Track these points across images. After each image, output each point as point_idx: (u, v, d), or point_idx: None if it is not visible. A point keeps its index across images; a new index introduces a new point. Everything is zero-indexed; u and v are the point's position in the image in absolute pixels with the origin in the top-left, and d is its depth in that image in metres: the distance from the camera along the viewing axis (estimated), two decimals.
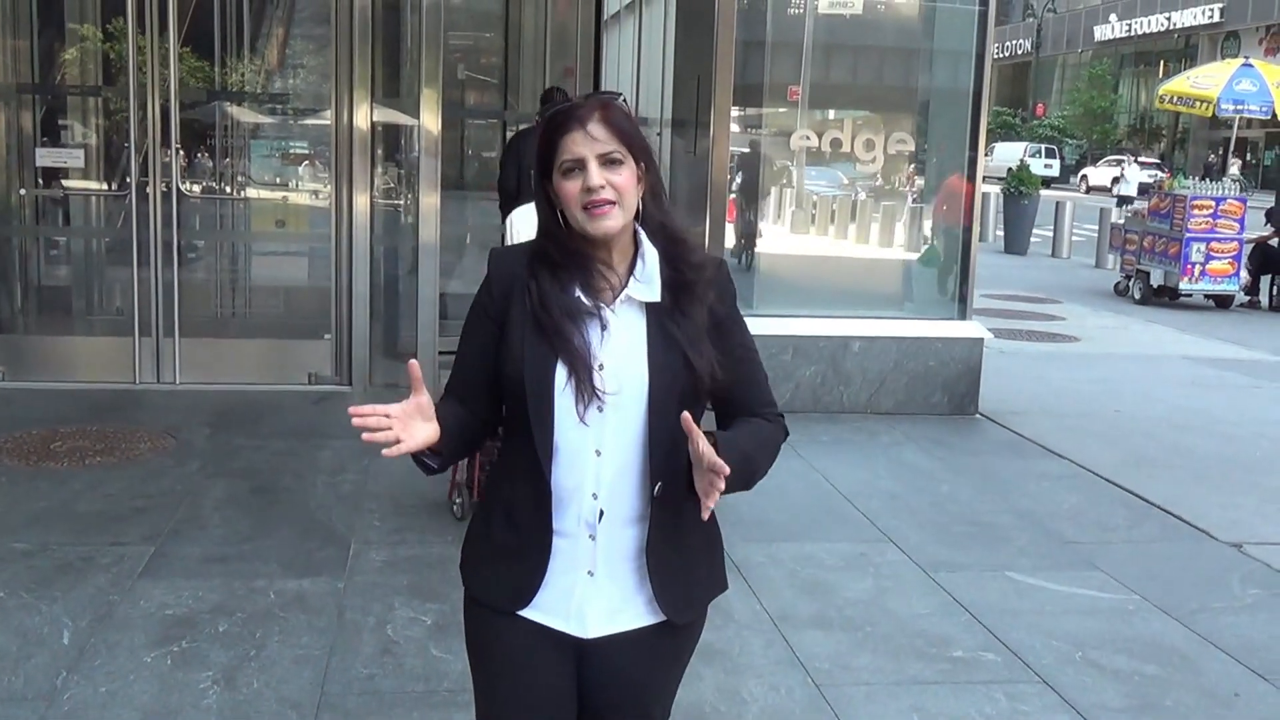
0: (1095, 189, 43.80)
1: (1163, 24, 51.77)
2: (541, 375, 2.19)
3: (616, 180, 2.17)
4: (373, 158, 8.23)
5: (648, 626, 2.30)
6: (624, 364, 2.21)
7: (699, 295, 2.26)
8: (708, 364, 2.23)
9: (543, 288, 2.23)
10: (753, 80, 8.67)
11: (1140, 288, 15.48)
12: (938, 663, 4.45)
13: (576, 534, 2.25)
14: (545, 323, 2.20)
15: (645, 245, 2.26)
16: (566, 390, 2.18)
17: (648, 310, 2.25)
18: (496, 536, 2.32)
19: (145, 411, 7.38)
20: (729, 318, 2.33)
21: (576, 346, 2.19)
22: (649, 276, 2.24)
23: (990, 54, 8.49)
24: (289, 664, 4.15)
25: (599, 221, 2.17)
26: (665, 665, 2.39)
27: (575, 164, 2.17)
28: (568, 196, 2.18)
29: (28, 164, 8.64)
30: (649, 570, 2.27)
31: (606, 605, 2.27)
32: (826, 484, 6.59)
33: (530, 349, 2.21)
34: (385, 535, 5.43)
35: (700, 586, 2.39)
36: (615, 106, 2.23)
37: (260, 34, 9.53)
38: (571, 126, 2.18)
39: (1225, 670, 4.51)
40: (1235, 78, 16.81)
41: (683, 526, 2.29)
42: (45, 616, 4.42)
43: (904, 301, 9.03)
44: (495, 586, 2.31)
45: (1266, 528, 6.28)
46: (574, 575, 2.26)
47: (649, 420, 2.21)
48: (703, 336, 2.25)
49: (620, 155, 2.18)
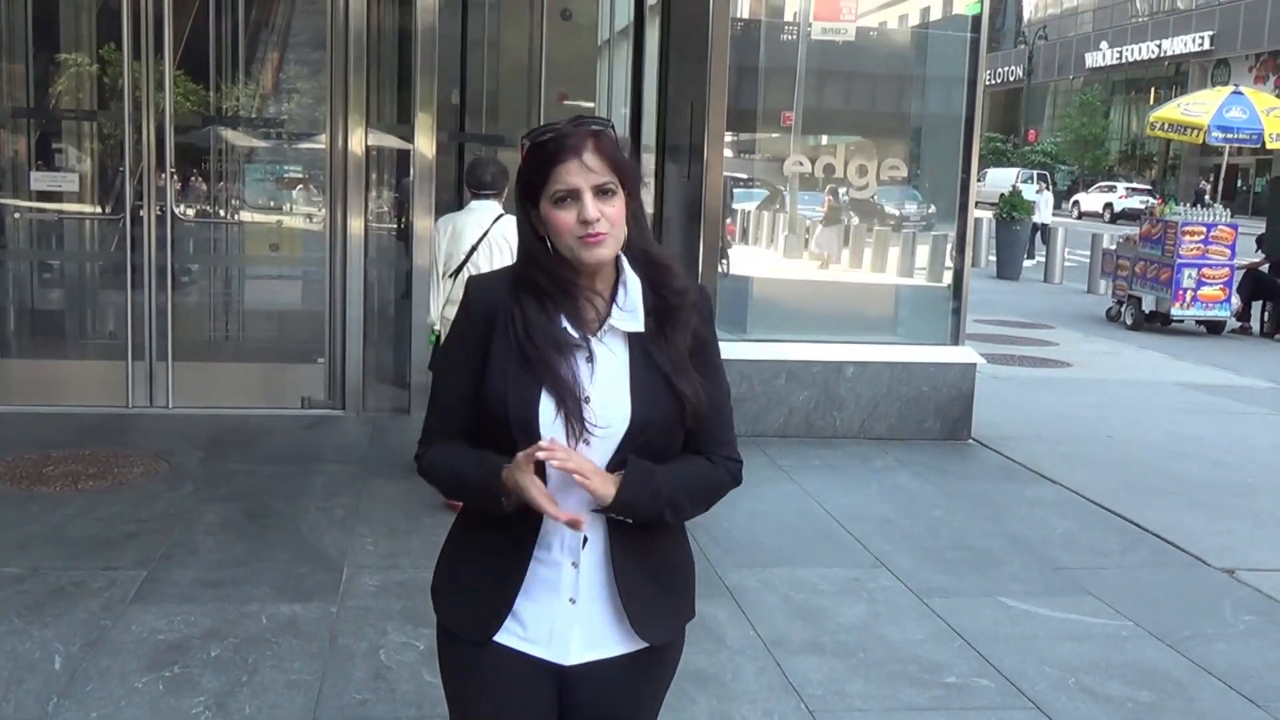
0: (1087, 215, 44.02)
1: (1153, 51, 52.10)
2: (526, 409, 2.15)
3: (610, 211, 2.14)
4: (367, 182, 8.25)
5: (628, 653, 2.28)
6: (609, 395, 2.18)
7: (682, 320, 2.24)
8: (693, 390, 2.21)
9: (528, 317, 2.18)
10: (746, 105, 8.71)
11: (1132, 313, 15.52)
12: (931, 689, 4.44)
13: (560, 562, 2.23)
14: (531, 354, 2.16)
15: (627, 273, 2.23)
16: (556, 424, 2.15)
17: (630, 339, 2.22)
18: (474, 565, 2.29)
19: (138, 435, 7.37)
20: (709, 345, 2.30)
21: (565, 380, 2.15)
22: (632, 305, 2.21)
23: (982, 80, 8.53)
24: (281, 689, 4.13)
25: (593, 250, 2.14)
26: (647, 690, 2.37)
27: (569, 194, 2.13)
28: (561, 226, 2.15)
29: (22, 187, 8.65)
30: (623, 596, 2.24)
31: (587, 632, 2.25)
32: (820, 509, 6.59)
33: (514, 382, 2.17)
34: (378, 560, 5.41)
35: (673, 610, 2.35)
36: (607, 135, 2.19)
37: (255, 58, 9.57)
38: (566, 156, 2.14)
39: (1218, 697, 4.51)
40: (1225, 105, 16.87)
41: (653, 551, 2.28)
42: (37, 641, 4.41)
43: (896, 326, 9.05)
44: (471, 615, 2.27)
45: (1259, 554, 6.29)
46: (556, 603, 2.23)
47: (631, 450, 2.18)
48: (685, 363, 2.22)
49: (613, 186, 2.15)
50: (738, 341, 8.16)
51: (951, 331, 8.57)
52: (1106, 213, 43.42)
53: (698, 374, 2.24)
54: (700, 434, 2.28)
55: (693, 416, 2.23)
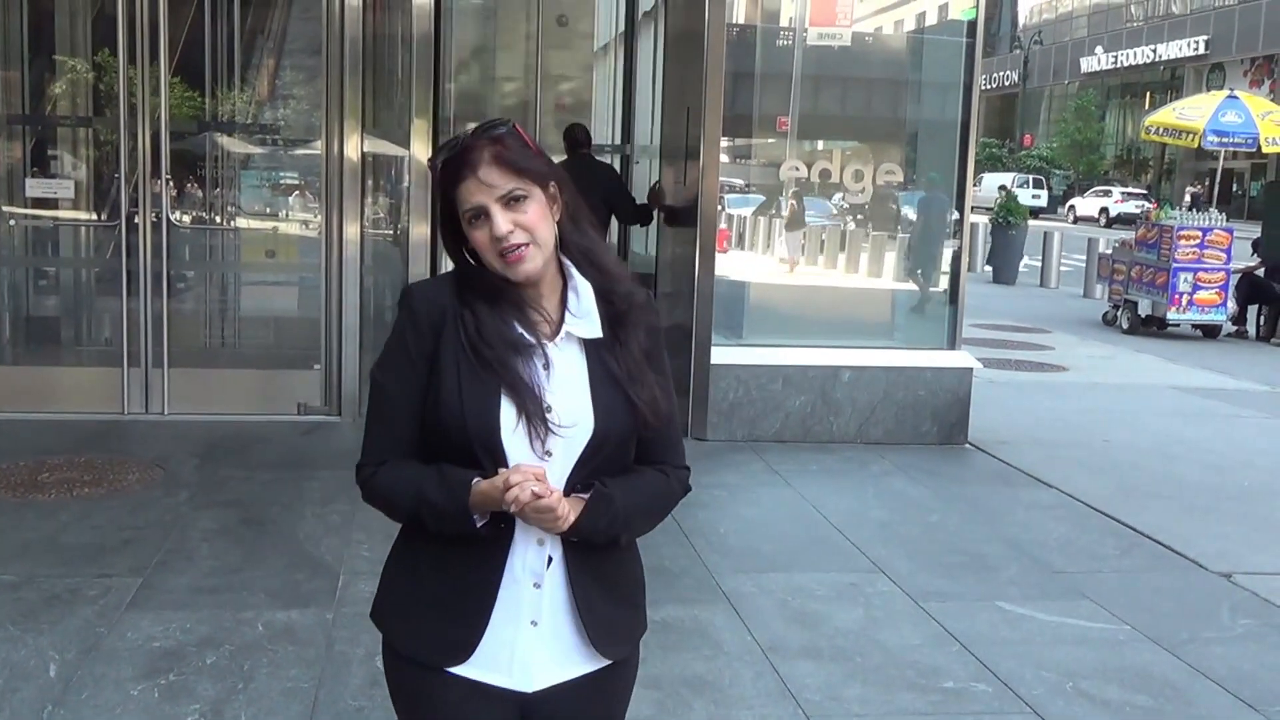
0: (1083, 219, 44.10)
1: (1148, 56, 52.21)
2: (486, 418, 2.05)
3: (524, 219, 2.05)
4: (363, 188, 8.24)
5: (590, 673, 2.19)
6: (569, 404, 2.09)
7: (633, 324, 2.16)
8: (649, 395, 2.14)
9: (480, 318, 2.09)
10: (742, 111, 8.71)
11: (1128, 317, 15.54)
12: (928, 694, 4.44)
13: (522, 581, 2.12)
14: (488, 355, 2.06)
15: (576, 278, 2.14)
16: (518, 432, 2.06)
17: (587, 348, 2.14)
18: (429, 584, 2.15)
19: (133, 442, 7.36)
20: (660, 349, 2.22)
21: (525, 381, 2.06)
22: (586, 311, 2.13)
23: (978, 85, 8.53)
24: (277, 696, 4.12)
25: (517, 267, 2.06)
26: (609, 707, 2.29)
27: (478, 211, 2.05)
28: (480, 245, 2.07)
29: (17, 194, 8.64)
30: (583, 614, 2.15)
31: (550, 655, 2.15)
32: (816, 514, 6.59)
33: (470, 388, 2.06)
34: (374, 566, 5.36)
35: (628, 623, 2.27)
36: (508, 139, 2.08)
37: (251, 64, 9.56)
38: (464, 174, 2.05)
39: (1216, 701, 4.50)
40: (1220, 109, 16.92)
41: (608, 565, 2.21)
42: (32, 649, 4.39)
43: (893, 331, 9.05)
44: (426, 641, 2.14)
45: (1256, 557, 6.29)
46: (516, 626, 2.13)
47: (587, 460, 2.10)
48: (643, 369, 2.15)
49: (523, 191, 2.06)
50: (734, 346, 8.16)
51: (948, 336, 8.57)
52: (1102, 217, 43.52)
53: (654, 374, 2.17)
54: (654, 442, 2.22)
55: (647, 426, 2.15)
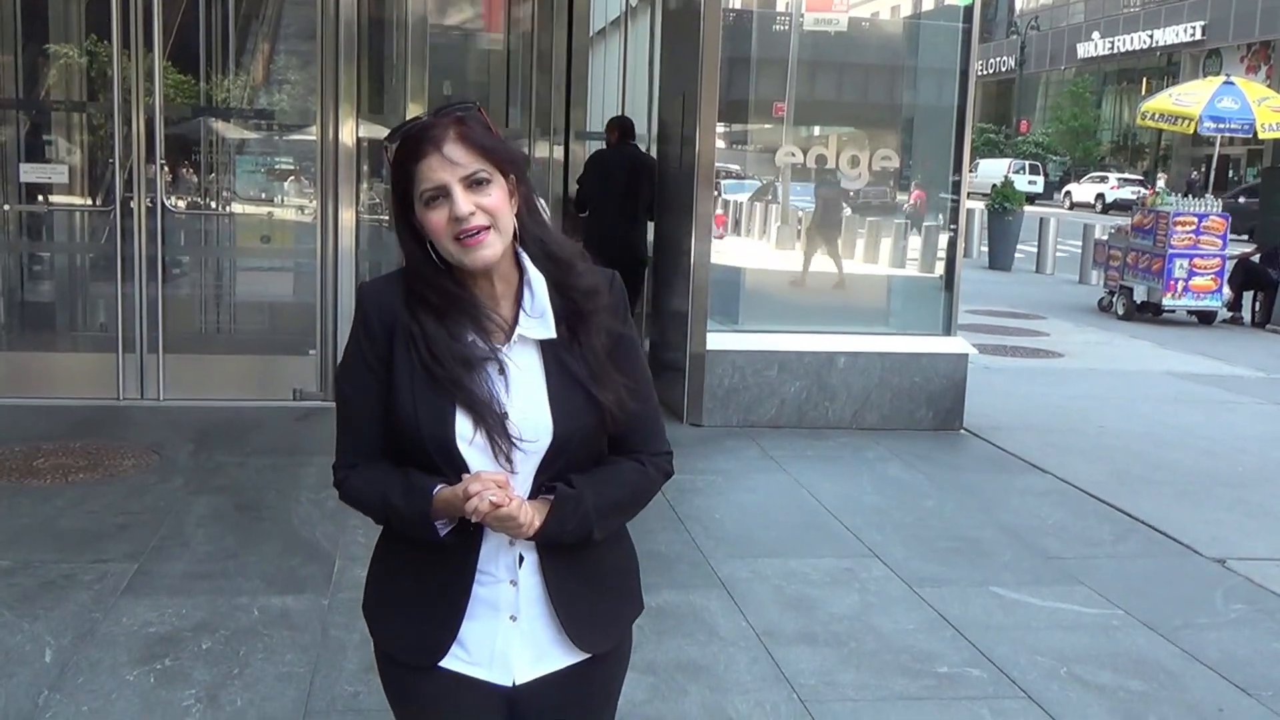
0: (1079, 205, 44.09)
1: (1145, 41, 52.11)
2: (441, 431, 2.03)
3: (486, 202, 1.99)
4: (358, 173, 8.23)
5: (574, 664, 2.18)
6: (525, 409, 2.05)
7: (596, 325, 2.09)
8: (614, 396, 2.08)
9: (429, 334, 2.03)
10: (738, 96, 8.70)
11: (1124, 304, 15.55)
12: (923, 678, 4.45)
13: (497, 579, 2.12)
14: (439, 375, 2.02)
15: (530, 273, 2.08)
16: (476, 443, 2.03)
17: (543, 348, 2.08)
18: (408, 584, 2.17)
19: (129, 428, 7.36)
20: (625, 339, 2.16)
21: (480, 397, 2.02)
22: (540, 309, 2.07)
23: (974, 71, 8.52)
24: (273, 681, 4.13)
25: (474, 252, 2.00)
26: (599, 698, 2.28)
27: (437, 191, 1.99)
28: (435, 229, 2.00)
29: (11, 179, 8.62)
30: (559, 610, 2.13)
31: (531, 649, 2.15)
32: (812, 499, 6.59)
33: (424, 402, 2.03)
34: (369, 551, 5.37)
35: (614, 614, 2.25)
36: (472, 120, 2.04)
37: (245, 49, 9.53)
38: (426, 150, 1.99)
39: (1210, 686, 4.52)
40: (1217, 95, 16.89)
41: (586, 558, 2.16)
42: (27, 634, 4.40)
43: (889, 317, 9.05)
44: (411, 639, 2.16)
45: (1250, 543, 6.30)
46: (496, 622, 2.13)
47: (549, 464, 2.08)
48: (605, 368, 2.08)
49: (486, 174, 2.00)
50: (729, 333, 8.15)
51: (943, 322, 8.57)
52: (1098, 203, 43.50)
53: (619, 375, 2.11)
54: (627, 436, 2.18)
55: (614, 424, 2.11)
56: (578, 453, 2.10)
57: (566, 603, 2.14)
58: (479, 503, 1.95)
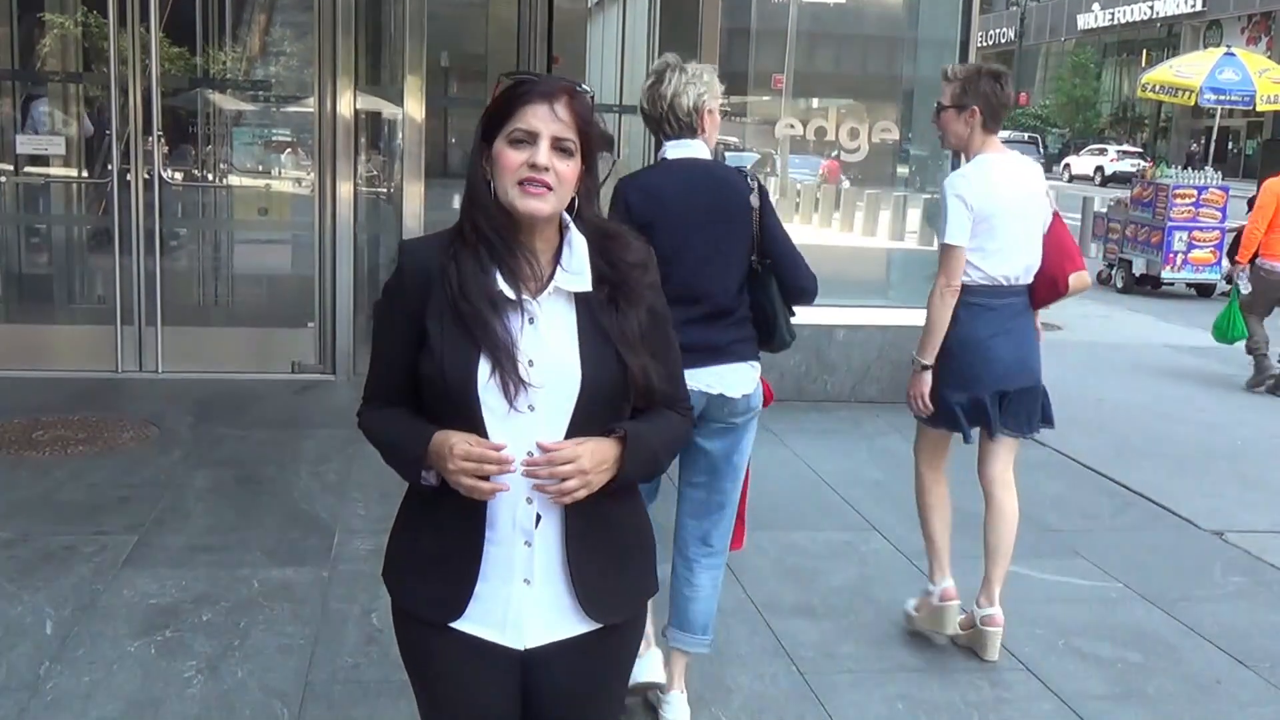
0: (1078, 178, 43.98)
1: (1145, 12, 51.91)
2: (463, 370, 2.07)
3: (561, 168, 2.07)
4: (356, 145, 8.19)
5: (587, 633, 2.20)
6: (554, 359, 2.10)
7: (637, 295, 2.17)
8: (640, 367, 2.13)
9: (463, 272, 2.10)
10: (737, 68, 8.67)
11: (1123, 276, 15.53)
12: (922, 650, 4.47)
13: (512, 540, 2.14)
14: (466, 311, 2.08)
15: (573, 233, 2.15)
16: (490, 385, 2.06)
17: (577, 302, 2.14)
18: (423, 543, 2.22)
19: (128, 400, 7.35)
20: (663, 317, 2.24)
21: (500, 337, 2.07)
22: (578, 266, 2.13)
23: (974, 42, 8.48)
24: (273, 653, 4.14)
25: (530, 200, 2.06)
26: (607, 672, 2.30)
27: (527, 136, 2.07)
28: (506, 164, 2.07)
29: (8, 151, 8.59)
30: (575, 578, 2.16)
31: (543, 614, 2.17)
32: (811, 473, 6.60)
33: (450, 342, 2.09)
34: (369, 524, 5.41)
35: (629, 588, 2.27)
36: (583, 96, 2.13)
37: (242, 20, 9.49)
38: (536, 99, 2.08)
39: (1207, 657, 4.54)
40: (1218, 67, 16.85)
41: (610, 526, 2.20)
42: (28, 606, 4.41)
43: (887, 290, 9.04)
44: (424, 597, 2.20)
45: (1248, 515, 6.32)
46: (510, 585, 2.15)
47: (581, 417, 2.10)
48: (638, 340, 2.14)
49: (573, 146, 2.09)
50: None
51: None
52: (1097, 176, 43.39)
53: (652, 353, 2.17)
54: (669, 393, 2.25)
55: (640, 394, 2.16)
56: (605, 406, 2.13)
57: (583, 570, 2.16)
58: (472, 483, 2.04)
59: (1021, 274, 4.31)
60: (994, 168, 4.23)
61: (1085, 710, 4.07)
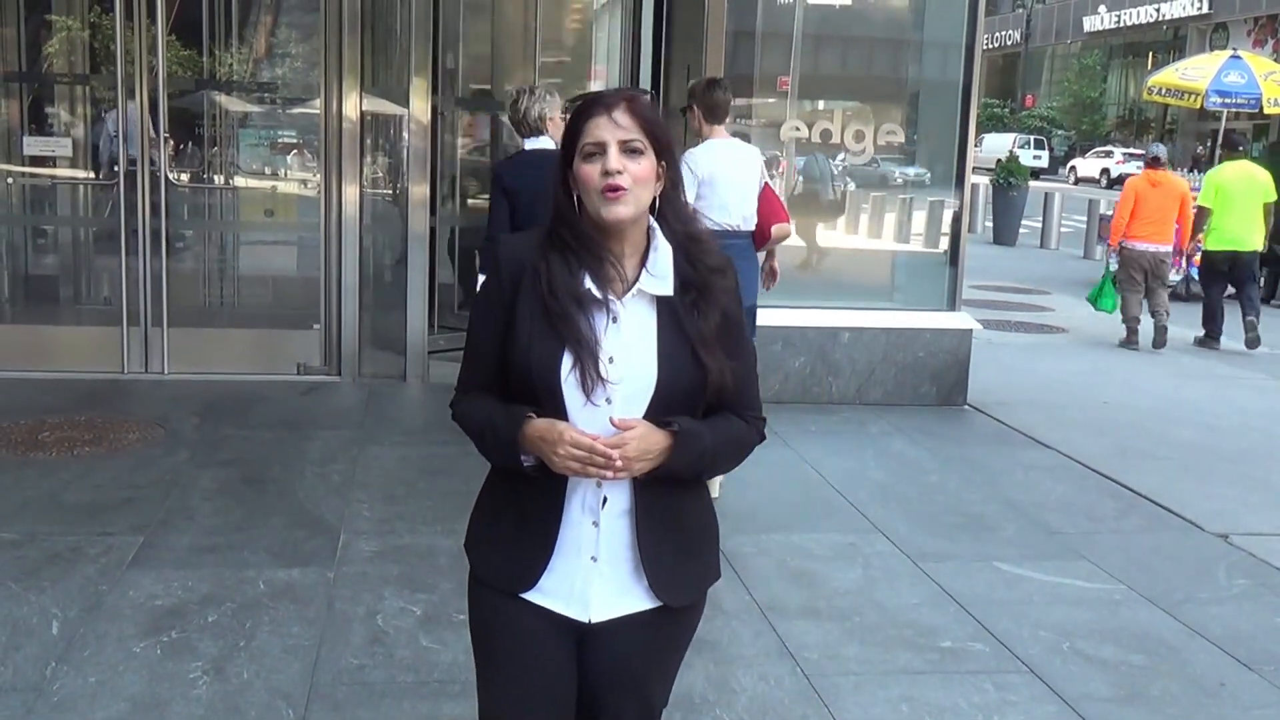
0: (1084, 180, 43.91)
1: (1152, 15, 51.78)
2: (548, 363, 2.21)
3: (634, 169, 2.20)
4: (362, 147, 8.20)
5: (647, 611, 2.34)
6: (633, 357, 2.24)
7: (716, 298, 2.29)
8: (718, 366, 2.26)
9: (553, 272, 2.24)
10: (743, 70, 8.65)
11: None
12: (926, 653, 4.47)
13: (581, 520, 2.29)
14: (552, 308, 2.22)
15: (659, 238, 2.28)
16: (571, 378, 2.20)
17: (659, 304, 2.27)
18: (504, 518, 2.36)
19: (133, 401, 7.37)
20: (737, 322, 2.35)
21: (583, 334, 2.21)
22: (662, 270, 2.26)
23: (980, 45, 8.48)
24: (279, 654, 4.15)
25: (613, 206, 2.19)
26: (665, 649, 2.44)
27: (596, 148, 2.20)
28: (586, 179, 2.20)
29: (15, 152, 8.60)
30: (643, 556, 2.30)
31: (608, 590, 2.32)
32: (815, 475, 6.61)
33: (538, 336, 2.23)
34: (375, 525, 5.42)
35: (695, 573, 2.43)
36: (641, 99, 2.27)
37: (248, 22, 9.50)
38: (597, 112, 2.22)
39: (1212, 660, 4.53)
40: (1224, 70, 16.82)
41: (678, 513, 2.35)
42: (34, 607, 4.42)
43: (893, 292, 9.03)
44: (501, 568, 2.35)
45: (1253, 518, 6.31)
46: (578, 560, 2.30)
47: (654, 413, 2.23)
48: (715, 341, 2.27)
49: (641, 145, 2.21)
50: None
51: (947, 297, 8.56)
52: (1103, 178, 43.31)
53: (727, 353, 2.29)
54: (737, 398, 2.37)
55: (715, 391, 2.29)
56: (680, 406, 2.25)
57: (652, 551, 2.31)
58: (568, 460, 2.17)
59: (740, 223, 5.83)
60: (716, 148, 5.82)
61: (1089, 713, 4.07)
